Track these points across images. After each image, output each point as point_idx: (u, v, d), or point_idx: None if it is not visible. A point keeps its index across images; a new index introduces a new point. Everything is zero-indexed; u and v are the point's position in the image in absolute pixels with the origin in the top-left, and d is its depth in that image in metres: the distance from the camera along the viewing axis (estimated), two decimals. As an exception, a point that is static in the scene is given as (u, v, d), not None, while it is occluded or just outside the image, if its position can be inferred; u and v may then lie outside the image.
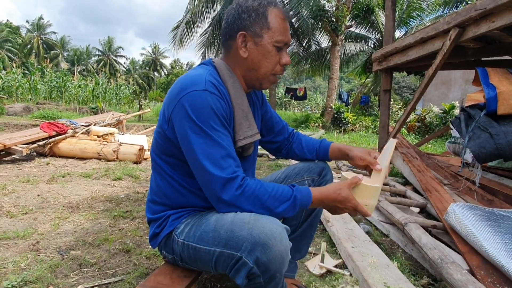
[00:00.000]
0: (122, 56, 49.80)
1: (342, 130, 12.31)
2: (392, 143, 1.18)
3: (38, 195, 2.78)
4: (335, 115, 12.99)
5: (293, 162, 2.54)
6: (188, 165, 1.05)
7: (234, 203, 0.93)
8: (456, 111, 9.93)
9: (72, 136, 4.92)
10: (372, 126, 11.96)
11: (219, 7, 15.20)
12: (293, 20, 14.63)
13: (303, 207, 0.99)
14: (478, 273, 1.45)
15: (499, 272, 1.43)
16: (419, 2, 13.84)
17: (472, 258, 1.56)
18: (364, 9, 12.67)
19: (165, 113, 1.03)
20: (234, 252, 0.88)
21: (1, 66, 18.26)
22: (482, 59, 3.45)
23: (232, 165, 0.94)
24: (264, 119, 1.33)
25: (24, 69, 21.58)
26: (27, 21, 43.15)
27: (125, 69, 48.94)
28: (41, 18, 42.88)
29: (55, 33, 44.97)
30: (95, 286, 1.41)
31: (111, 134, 5.40)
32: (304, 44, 15.34)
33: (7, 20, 43.29)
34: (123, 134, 6.24)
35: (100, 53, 47.64)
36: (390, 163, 1.15)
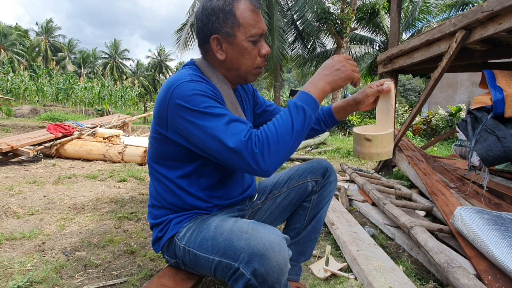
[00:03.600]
0: (128, 58, 50.20)
1: (347, 133, 12.26)
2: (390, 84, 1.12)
3: (44, 196, 2.80)
4: (340, 118, 12.92)
5: (296, 163, 2.52)
6: (184, 166, 1.05)
7: (262, 157, 0.85)
8: (463, 114, 9.84)
9: (78, 138, 4.96)
10: (377, 129, 11.90)
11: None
12: (297, 23, 14.66)
13: (312, 103, 0.91)
14: (486, 278, 1.42)
15: (507, 277, 1.40)
16: (426, 5, 13.77)
17: (479, 262, 1.54)
18: (369, 11, 12.64)
19: (159, 117, 1.00)
20: (231, 262, 0.87)
21: (9, 68, 18.52)
22: (489, 61, 3.42)
23: (242, 128, 0.89)
24: (259, 110, 1.32)
25: (31, 72, 21.87)
26: (37, 24, 43.73)
27: (131, 72, 49.29)
28: (50, 21, 43.40)
29: (64, 36, 45.52)
30: (100, 287, 1.42)
31: (116, 136, 5.44)
32: (308, 47, 15.35)
33: (16, 24, 43.95)
34: (128, 136, 6.29)
35: (106, 56, 48.09)
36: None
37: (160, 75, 46.81)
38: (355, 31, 14.75)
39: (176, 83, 0.95)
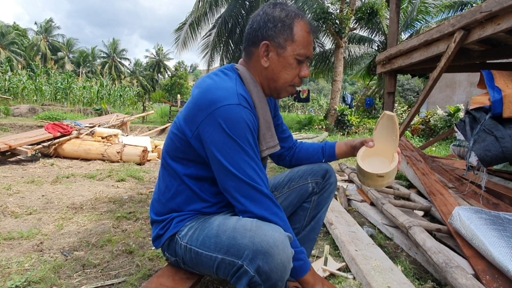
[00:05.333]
0: (126, 58, 50.08)
1: (346, 133, 12.28)
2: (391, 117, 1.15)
3: (43, 195, 2.80)
4: (339, 118, 12.96)
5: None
6: (199, 171, 1.05)
7: (267, 217, 0.95)
8: (461, 114, 9.86)
9: (77, 137, 4.95)
10: (376, 129, 11.93)
11: (222, 10, 15.27)
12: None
13: (303, 270, 1.01)
14: (484, 278, 1.43)
15: (505, 277, 1.41)
16: (425, 5, 13.80)
17: (477, 262, 1.55)
18: (368, 11, 12.64)
19: (191, 120, 1.00)
20: (235, 259, 0.87)
21: (7, 67, 18.45)
22: (487, 61, 3.43)
23: (264, 180, 0.97)
24: (275, 123, 1.32)
25: (29, 71, 21.80)
26: (36, 23, 43.57)
27: (129, 71, 49.15)
28: (50, 20, 43.20)
29: (63, 36, 45.35)
30: (98, 287, 1.42)
31: (115, 135, 5.43)
32: (308, 46, 15.33)
33: (14, 23, 43.75)
34: (127, 135, 6.28)
35: (105, 55, 47.97)
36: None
37: (159, 74, 46.72)
38: (354, 31, 14.76)
39: (225, 102, 0.94)
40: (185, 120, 1.02)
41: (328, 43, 15.52)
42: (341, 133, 12.08)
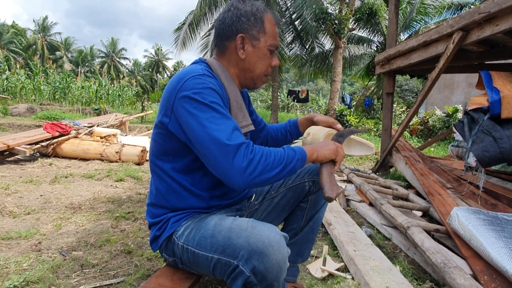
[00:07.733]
0: (125, 58, 49.98)
1: (345, 133, 12.26)
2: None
3: (41, 195, 2.79)
4: (338, 118, 12.96)
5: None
6: (189, 163, 1.05)
7: (248, 167, 0.88)
8: (459, 115, 9.89)
9: (75, 137, 4.94)
10: (375, 129, 11.94)
11: (222, 10, 15.25)
12: (296, 23, 14.69)
13: (303, 157, 1.00)
14: (482, 278, 1.43)
15: (503, 277, 1.41)
16: (424, 6, 13.83)
17: (475, 262, 1.55)
18: (367, 12, 12.66)
19: (165, 107, 1.02)
20: (231, 260, 0.88)
21: (6, 66, 18.39)
22: (486, 62, 3.44)
23: (240, 135, 0.94)
24: (251, 120, 1.34)
25: (28, 70, 21.73)
26: (34, 20, 43.37)
27: (128, 71, 49.04)
28: (46, 18, 43.04)
29: (59, 33, 45.19)
30: (97, 287, 1.42)
31: (113, 135, 5.42)
32: (307, 47, 15.37)
33: (13, 22, 43.58)
34: (125, 135, 6.27)
35: (104, 55, 47.86)
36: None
37: (158, 74, 46.67)
38: (353, 32, 14.77)
39: (189, 75, 0.99)
40: (161, 111, 1.05)
41: (327, 44, 15.53)
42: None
